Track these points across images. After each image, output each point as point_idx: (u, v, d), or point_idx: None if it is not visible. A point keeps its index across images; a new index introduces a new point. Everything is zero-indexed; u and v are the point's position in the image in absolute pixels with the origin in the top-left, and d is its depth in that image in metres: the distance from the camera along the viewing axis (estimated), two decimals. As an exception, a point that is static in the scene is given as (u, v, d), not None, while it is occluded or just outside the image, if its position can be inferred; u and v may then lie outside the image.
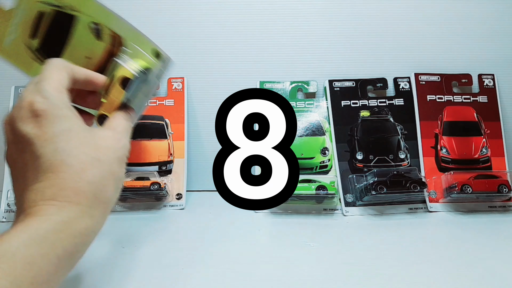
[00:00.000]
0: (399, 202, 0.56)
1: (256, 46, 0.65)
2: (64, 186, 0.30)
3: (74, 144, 0.32)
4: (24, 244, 0.27)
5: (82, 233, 0.30)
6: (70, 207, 0.30)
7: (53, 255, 0.28)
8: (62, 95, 0.33)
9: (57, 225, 0.29)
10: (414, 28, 0.65)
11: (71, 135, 0.32)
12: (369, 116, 0.61)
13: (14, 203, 0.34)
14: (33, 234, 0.28)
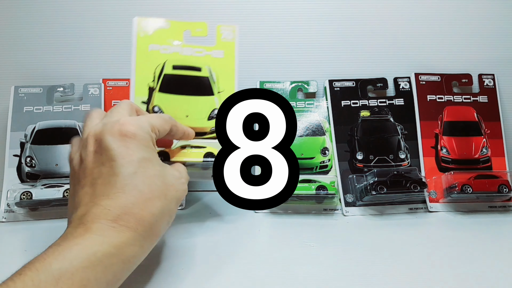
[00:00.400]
0: (399, 202, 0.56)
1: (256, 46, 0.65)
2: (129, 211, 0.32)
3: (150, 174, 0.34)
4: (82, 266, 0.28)
5: (130, 260, 0.32)
6: (128, 232, 0.31)
7: (104, 280, 0.29)
8: (152, 133, 0.37)
9: (113, 249, 0.30)
10: (415, 28, 0.65)
11: (150, 165, 0.34)
12: (369, 116, 0.61)
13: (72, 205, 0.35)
14: (91, 257, 0.29)
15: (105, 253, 0.29)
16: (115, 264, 0.30)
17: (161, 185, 0.35)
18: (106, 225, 0.31)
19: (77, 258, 0.28)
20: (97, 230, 0.30)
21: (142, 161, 0.34)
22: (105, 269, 0.29)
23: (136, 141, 0.34)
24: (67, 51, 0.64)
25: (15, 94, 0.60)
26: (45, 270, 0.27)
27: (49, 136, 0.58)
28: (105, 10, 0.64)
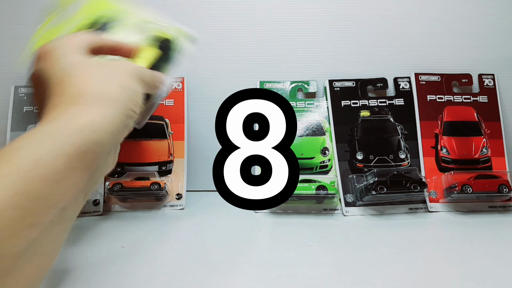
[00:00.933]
0: (399, 202, 0.56)
1: (256, 46, 0.65)
2: (65, 92, 0.31)
3: (78, 62, 0.33)
4: (29, 143, 0.26)
5: (88, 128, 0.29)
6: (71, 107, 0.30)
7: (60, 152, 0.27)
8: (76, 46, 0.35)
9: (60, 122, 0.28)
10: (414, 28, 0.65)
11: (78, 60, 0.34)
12: (369, 116, 0.61)
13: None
14: (37, 134, 0.27)
15: (52, 128, 0.28)
16: (70, 136, 0.28)
17: (93, 63, 0.34)
18: (47, 113, 0.30)
19: (24, 137, 0.27)
20: (42, 120, 0.30)
21: (66, 57, 0.34)
22: (58, 141, 0.27)
23: (57, 51, 0.34)
24: (67, 51, 0.64)
25: (15, 94, 0.60)
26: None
27: (49, 136, 0.58)
28: (105, 10, 0.64)
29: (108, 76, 0.33)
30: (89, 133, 0.29)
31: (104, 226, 0.52)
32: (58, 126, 0.28)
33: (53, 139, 0.27)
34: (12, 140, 0.30)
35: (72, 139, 0.28)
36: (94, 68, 0.33)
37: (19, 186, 0.24)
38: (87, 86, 0.31)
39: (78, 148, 0.28)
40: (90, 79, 0.32)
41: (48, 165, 0.26)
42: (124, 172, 0.57)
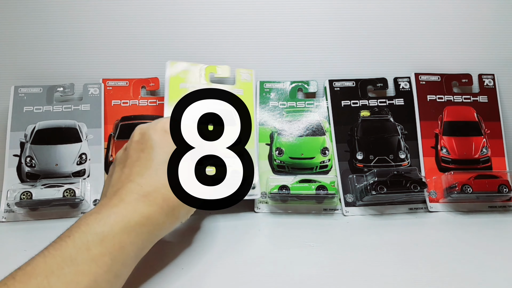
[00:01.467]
0: (399, 202, 0.56)
1: (256, 46, 0.65)
2: (159, 190, 0.37)
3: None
4: (120, 231, 0.33)
5: (155, 232, 0.37)
6: (155, 207, 0.36)
7: (136, 245, 0.34)
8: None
9: (143, 219, 0.35)
10: (414, 28, 0.65)
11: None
12: (369, 116, 0.61)
13: (108, 183, 0.41)
14: (127, 224, 0.34)
15: (137, 221, 0.35)
16: (145, 233, 0.35)
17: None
18: (137, 198, 0.36)
19: (116, 224, 0.33)
20: (130, 202, 0.36)
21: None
22: (137, 235, 0.35)
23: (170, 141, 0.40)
24: (67, 51, 0.64)
25: (15, 94, 0.60)
26: (91, 232, 0.32)
27: (49, 136, 0.58)
28: (105, 10, 0.64)
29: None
30: (153, 236, 0.37)
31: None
32: (141, 222, 0.35)
33: (135, 233, 0.34)
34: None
35: (145, 237, 0.36)
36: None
37: (109, 265, 0.32)
38: (171, 196, 0.38)
39: (145, 245, 0.37)
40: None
41: (128, 253, 0.34)
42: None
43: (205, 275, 0.40)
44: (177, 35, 0.65)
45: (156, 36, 0.65)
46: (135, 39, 0.64)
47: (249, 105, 0.59)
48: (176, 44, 0.65)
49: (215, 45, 0.65)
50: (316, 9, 0.65)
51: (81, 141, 0.58)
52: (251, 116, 0.57)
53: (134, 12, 0.64)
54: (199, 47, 0.65)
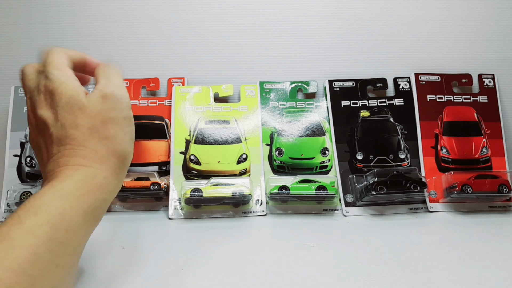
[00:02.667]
0: (399, 202, 0.56)
1: (257, 46, 0.65)
2: (72, 154, 0.35)
3: (75, 116, 0.35)
4: (55, 197, 0.32)
5: (99, 189, 0.34)
6: (82, 169, 0.34)
7: (79, 208, 0.32)
8: (65, 72, 0.37)
9: (77, 182, 0.33)
10: (414, 28, 0.65)
11: (73, 108, 0.36)
12: (369, 116, 0.61)
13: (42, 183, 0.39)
14: (60, 191, 0.32)
15: (71, 187, 0.33)
16: (86, 195, 0.33)
17: (88, 121, 0.36)
18: (61, 170, 0.34)
19: (48, 194, 0.32)
20: (57, 175, 0.34)
21: (64, 109, 0.35)
22: (78, 199, 0.33)
23: (56, 94, 0.36)
24: (67, 51, 0.64)
25: (15, 94, 0.60)
26: (22, 208, 0.31)
27: (49, 136, 0.58)
28: (105, 10, 0.64)
29: (104, 137, 0.36)
30: (100, 194, 0.35)
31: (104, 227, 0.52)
32: (76, 186, 0.33)
33: (73, 197, 0.33)
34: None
35: (88, 198, 0.33)
36: (89, 129, 0.36)
37: (49, 234, 0.30)
38: (89, 151, 0.35)
39: (91, 205, 0.34)
40: (90, 144, 0.35)
41: (71, 218, 0.32)
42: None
43: (204, 275, 0.40)
44: (177, 35, 0.65)
45: (156, 37, 0.65)
46: (135, 39, 0.64)
47: (255, 118, 0.61)
48: (176, 44, 0.65)
49: (215, 45, 0.65)
50: (316, 10, 0.65)
51: (81, 141, 0.58)
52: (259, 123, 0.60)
53: (134, 13, 0.64)
54: (199, 47, 0.65)
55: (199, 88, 0.62)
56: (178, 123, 0.60)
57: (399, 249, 0.46)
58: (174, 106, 0.61)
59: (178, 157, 0.58)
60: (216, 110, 0.61)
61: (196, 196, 0.53)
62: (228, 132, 0.60)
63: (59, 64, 0.37)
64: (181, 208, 0.55)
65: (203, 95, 0.61)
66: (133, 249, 0.46)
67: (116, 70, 0.40)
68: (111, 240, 0.48)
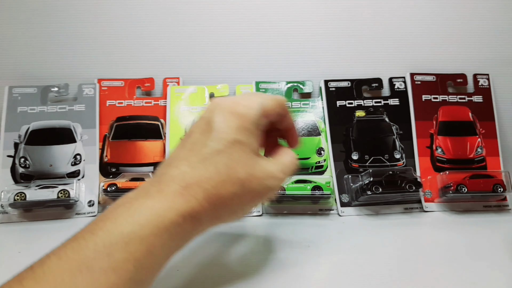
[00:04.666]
0: (394, 202, 0.56)
1: (252, 46, 0.65)
2: (201, 184, 0.31)
3: (235, 158, 0.33)
4: (151, 233, 0.29)
5: (190, 233, 0.32)
6: (194, 203, 0.31)
7: (167, 248, 0.30)
8: (262, 117, 0.35)
9: (179, 218, 0.30)
10: (409, 28, 0.66)
11: (240, 150, 0.33)
12: (364, 116, 0.61)
13: (164, 161, 0.36)
14: (160, 224, 0.29)
15: (172, 221, 0.30)
16: (179, 234, 0.31)
17: (242, 173, 0.33)
18: (177, 190, 0.31)
19: (147, 224, 0.29)
20: (168, 194, 0.31)
21: (234, 143, 0.33)
22: (170, 237, 0.30)
23: (240, 122, 0.33)
24: (61, 51, 0.64)
25: (9, 94, 0.60)
26: (116, 232, 0.28)
27: (43, 137, 0.58)
28: (100, 10, 0.64)
29: (239, 197, 0.33)
30: (188, 238, 0.32)
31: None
32: (176, 222, 0.30)
33: (167, 234, 0.30)
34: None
35: (178, 238, 0.31)
36: (239, 178, 0.33)
37: (132, 273, 0.27)
38: (215, 194, 0.32)
39: (179, 246, 0.32)
40: (224, 190, 0.32)
41: (156, 258, 0.29)
42: (119, 173, 0.57)
43: (200, 277, 0.40)
44: (172, 35, 0.64)
45: (151, 36, 0.64)
46: (130, 39, 0.64)
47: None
48: (171, 44, 0.64)
49: (210, 45, 0.65)
50: (311, 10, 0.65)
51: (75, 141, 0.58)
52: None
53: (129, 12, 0.64)
54: (194, 46, 0.65)
55: (195, 88, 0.62)
56: (174, 123, 0.60)
57: (394, 248, 0.46)
58: (169, 106, 0.60)
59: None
60: None
61: None
62: None
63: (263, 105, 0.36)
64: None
65: (199, 95, 0.61)
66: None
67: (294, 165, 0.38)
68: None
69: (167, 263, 0.31)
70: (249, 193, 0.34)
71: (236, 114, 0.34)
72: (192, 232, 0.32)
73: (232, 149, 0.33)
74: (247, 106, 0.34)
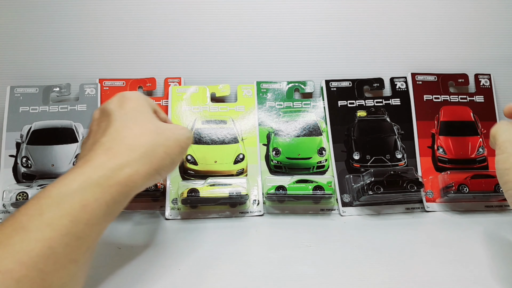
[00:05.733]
0: (396, 202, 0.56)
1: (253, 46, 0.65)
2: (121, 142, 0.36)
3: (141, 119, 0.39)
4: (81, 188, 0.31)
5: (127, 183, 0.34)
6: (121, 157, 0.34)
7: (103, 201, 0.32)
8: (150, 107, 0.41)
9: (107, 171, 0.33)
10: (411, 28, 0.66)
11: (142, 115, 0.39)
12: (365, 116, 0.61)
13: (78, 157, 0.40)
14: (87, 180, 0.32)
15: (100, 175, 0.32)
16: (112, 186, 0.33)
17: (151, 126, 0.39)
18: (100, 153, 0.34)
19: (74, 182, 0.32)
20: (93, 158, 0.34)
21: (134, 111, 0.39)
22: (103, 190, 0.32)
23: (132, 102, 0.40)
24: (63, 51, 0.64)
25: (11, 94, 0.60)
26: (46, 196, 0.31)
27: (45, 137, 0.58)
28: (102, 9, 0.64)
29: (159, 140, 0.38)
30: (126, 188, 0.34)
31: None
32: (106, 175, 0.33)
33: (99, 188, 0.32)
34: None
35: (113, 190, 0.33)
36: (148, 126, 0.38)
37: (68, 228, 0.29)
38: (137, 144, 0.36)
39: (115, 198, 0.33)
40: (143, 138, 0.37)
41: (93, 210, 0.31)
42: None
43: (202, 276, 0.40)
44: (174, 35, 0.65)
45: (153, 36, 0.65)
46: (131, 39, 0.64)
47: (252, 118, 0.61)
48: (173, 44, 0.65)
49: (212, 45, 0.65)
50: (313, 10, 0.65)
51: (77, 141, 0.58)
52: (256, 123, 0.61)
53: (130, 13, 0.64)
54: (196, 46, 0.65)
55: (196, 88, 0.62)
56: (175, 123, 0.60)
57: (396, 249, 0.46)
58: (170, 106, 0.61)
59: (175, 157, 0.58)
60: (213, 110, 0.61)
61: (193, 196, 0.53)
62: (225, 132, 0.59)
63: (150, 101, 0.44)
64: (178, 208, 0.54)
65: (200, 95, 0.61)
66: (130, 250, 0.45)
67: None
68: (107, 240, 0.48)
69: (111, 218, 0.34)
70: (166, 138, 0.38)
71: (126, 97, 0.41)
72: (127, 184, 0.34)
73: (135, 114, 0.39)
74: (134, 93, 0.42)
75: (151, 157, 0.36)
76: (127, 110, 0.39)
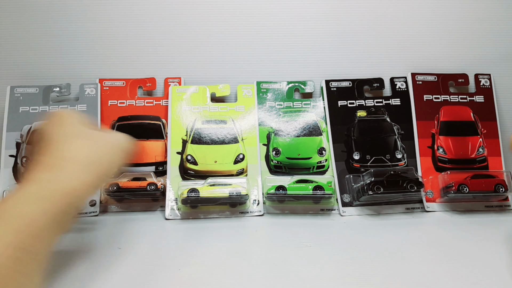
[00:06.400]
0: (396, 202, 0.56)
1: (253, 46, 0.65)
2: (62, 157, 0.37)
3: (80, 132, 0.40)
4: (28, 202, 0.32)
5: (73, 193, 0.35)
6: (64, 171, 0.36)
7: (50, 213, 0.32)
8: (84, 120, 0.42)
9: (53, 185, 0.34)
10: (411, 28, 0.66)
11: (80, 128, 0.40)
12: (366, 116, 0.61)
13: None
14: (34, 194, 0.33)
15: (46, 189, 0.34)
16: (59, 198, 0.34)
17: (93, 137, 0.40)
18: (43, 170, 0.35)
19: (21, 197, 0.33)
20: (36, 177, 0.35)
21: (71, 125, 0.40)
22: (50, 202, 0.33)
23: (67, 118, 0.40)
24: (63, 51, 0.64)
25: (11, 94, 0.60)
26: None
27: (45, 137, 0.58)
28: (102, 10, 0.64)
29: (101, 148, 0.40)
30: (72, 198, 0.35)
31: (100, 227, 0.52)
32: (49, 188, 0.34)
33: (46, 201, 0.33)
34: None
35: (59, 202, 0.33)
36: (86, 137, 0.40)
37: (15, 242, 0.29)
38: (81, 155, 0.37)
39: (62, 209, 0.34)
40: (85, 150, 0.38)
41: (40, 224, 0.32)
42: (121, 172, 0.57)
43: (202, 276, 0.40)
44: (174, 35, 0.64)
45: (153, 37, 0.65)
46: (131, 39, 0.64)
47: (252, 118, 0.61)
48: (172, 44, 0.65)
49: (212, 45, 0.65)
50: (313, 10, 0.65)
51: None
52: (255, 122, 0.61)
53: (130, 13, 0.64)
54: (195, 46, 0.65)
55: (196, 88, 0.62)
56: (175, 123, 0.60)
57: (395, 248, 0.46)
58: (170, 106, 0.61)
59: (175, 157, 0.58)
60: (213, 110, 0.61)
61: (193, 196, 0.53)
62: (225, 132, 0.59)
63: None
64: (178, 208, 0.55)
65: (200, 95, 0.61)
66: (130, 250, 0.45)
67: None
68: (108, 240, 0.48)
69: (57, 232, 0.34)
70: (110, 148, 0.40)
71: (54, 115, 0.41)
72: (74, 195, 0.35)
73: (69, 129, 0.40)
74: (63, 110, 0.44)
75: (96, 166, 0.38)
76: (65, 127, 0.40)
